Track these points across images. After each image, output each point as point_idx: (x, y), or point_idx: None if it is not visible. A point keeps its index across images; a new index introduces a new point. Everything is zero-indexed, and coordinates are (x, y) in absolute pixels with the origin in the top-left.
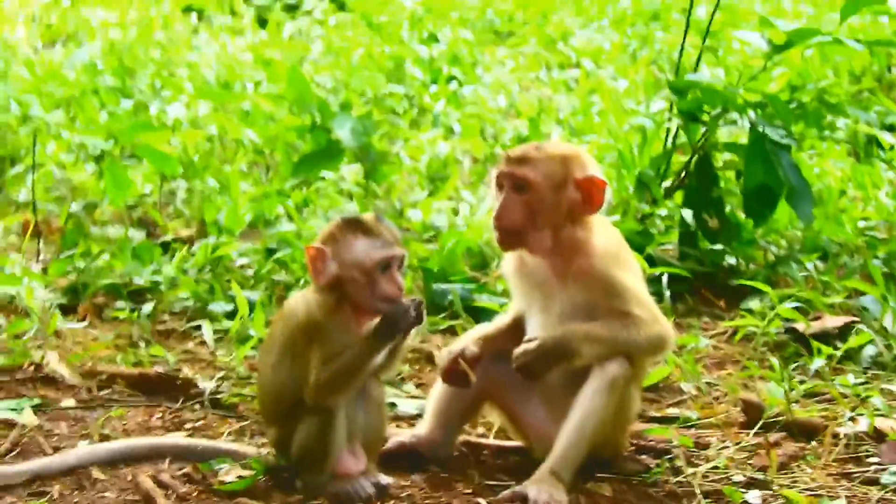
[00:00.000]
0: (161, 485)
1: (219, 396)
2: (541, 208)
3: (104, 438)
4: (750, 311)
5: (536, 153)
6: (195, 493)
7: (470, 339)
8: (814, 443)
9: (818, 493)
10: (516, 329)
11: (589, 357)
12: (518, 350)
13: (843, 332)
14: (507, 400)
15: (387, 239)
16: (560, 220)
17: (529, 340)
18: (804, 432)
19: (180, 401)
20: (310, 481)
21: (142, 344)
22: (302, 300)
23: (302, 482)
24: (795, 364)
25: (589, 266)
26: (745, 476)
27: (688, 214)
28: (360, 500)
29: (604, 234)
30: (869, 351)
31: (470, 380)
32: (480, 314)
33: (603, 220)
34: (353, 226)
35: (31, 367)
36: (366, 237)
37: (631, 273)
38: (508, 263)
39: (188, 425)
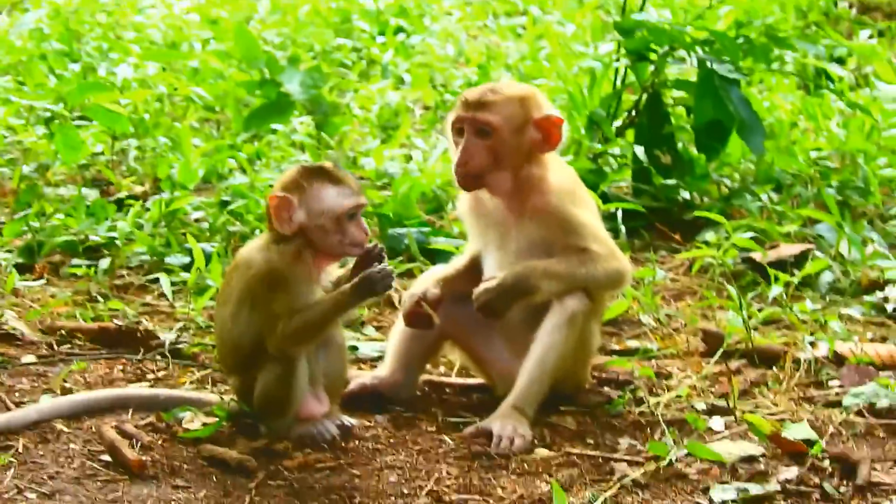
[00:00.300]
0: (125, 435)
1: (179, 347)
2: (503, 151)
3: (66, 392)
4: (706, 243)
5: (495, 96)
6: (160, 442)
7: (430, 281)
8: (774, 369)
9: (781, 417)
10: (474, 269)
11: (548, 293)
12: (478, 289)
13: (800, 259)
14: (468, 339)
15: (353, 187)
16: (520, 161)
17: (489, 279)
18: (764, 359)
19: (141, 352)
20: (274, 425)
21: (100, 299)
22: (259, 250)
23: (266, 426)
24: (753, 293)
25: (545, 203)
26: (707, 404)
27: (640, 151)
28: (324, 441)
29: (559, 171)
30: (826, 277)
31: (433, 321)
32: (436, 256)
33: (557, 158)
34: (319, 174)
35: None
36: (333, 185)
37: (587, 209)
38: (463, 203)
39: (150, 376)
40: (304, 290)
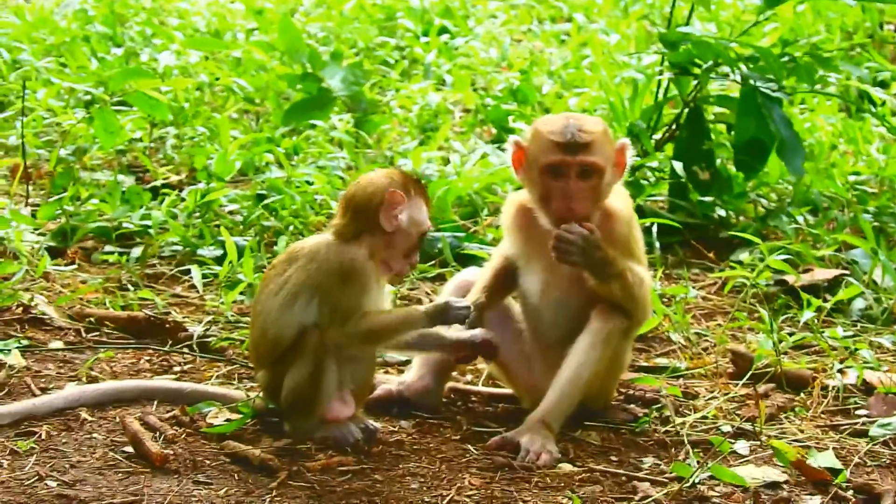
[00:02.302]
0: (149, 427)
1: (207, 340)
2: (603, 188)
3: (92, 380)
4: (740, 263)
5: (592, 135)
6: (183, 436)
7: (476, 293)
8: (802, 394)
9: (806, 444)
10: (505, 280)
11: (607, 292)
12: (570, 226)
13: (833, 285)
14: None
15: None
16: (610, 190)
17: (577, 231)
18: (793, 384)
19: (169, 344)
20: (299, 425)
21: (130, 287)
22: (329, 245)
23: (291, 426)
24: (785, 316)
25: (614, 231)
26: (733, 427)
27: (678, 166)
28: (348, 444)
29: (620, 195)
30: (858, 304)
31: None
32: (469, 262)
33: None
34: (420, 187)
35: (20, 309)
36: (425, 203)
37: (640, 235)
38: (510, 218)
39: (176, 368)
40: (374, 290)
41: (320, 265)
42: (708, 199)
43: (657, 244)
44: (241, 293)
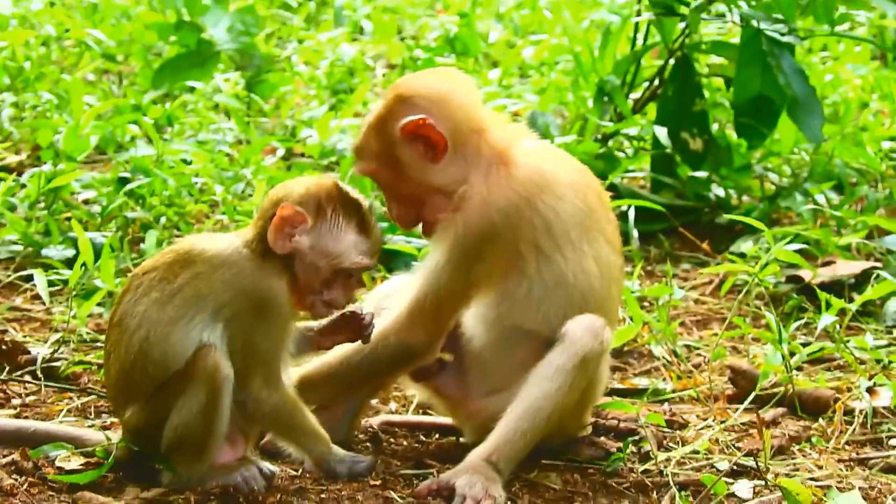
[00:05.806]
0: None
1: (55, 365)
2: (403, 188)
3: None
4: (741, 256)
5: (356, 141)
6: (24, 487)
7: None
8: (821, 421)
9: (825, 483)
10: None
11: None
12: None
13: (861, 281)
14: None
15: (374, 243)
16: (432, 180)
17: None
18: (809, 408)
19: (6, 371)
20: (185, 473)
21: None
22: (247, 261)
23: (173, 474)
24: (798, 322)
25: (448, 230)
26: (731, 463)
27: (662, 133)
28: (249, 493)
29: (497, 178)
30: (892, 305)
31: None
32: (393, 258)
33: (518, 152)
34: (350, 209)
35: None
36: (357, 231)
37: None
38: None
39: (16, 402)
40: (291, 325)
41: (230, 281)
42: (701, 174)
43: (635, 233)
44: (99, 304)
